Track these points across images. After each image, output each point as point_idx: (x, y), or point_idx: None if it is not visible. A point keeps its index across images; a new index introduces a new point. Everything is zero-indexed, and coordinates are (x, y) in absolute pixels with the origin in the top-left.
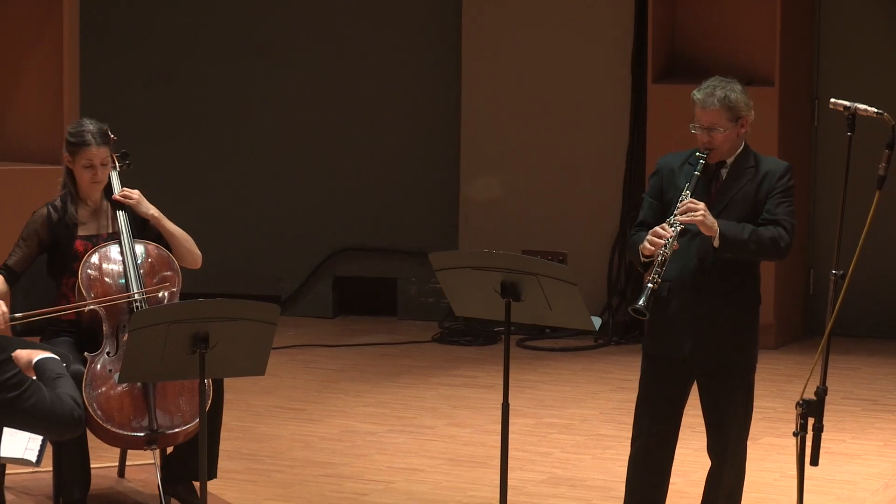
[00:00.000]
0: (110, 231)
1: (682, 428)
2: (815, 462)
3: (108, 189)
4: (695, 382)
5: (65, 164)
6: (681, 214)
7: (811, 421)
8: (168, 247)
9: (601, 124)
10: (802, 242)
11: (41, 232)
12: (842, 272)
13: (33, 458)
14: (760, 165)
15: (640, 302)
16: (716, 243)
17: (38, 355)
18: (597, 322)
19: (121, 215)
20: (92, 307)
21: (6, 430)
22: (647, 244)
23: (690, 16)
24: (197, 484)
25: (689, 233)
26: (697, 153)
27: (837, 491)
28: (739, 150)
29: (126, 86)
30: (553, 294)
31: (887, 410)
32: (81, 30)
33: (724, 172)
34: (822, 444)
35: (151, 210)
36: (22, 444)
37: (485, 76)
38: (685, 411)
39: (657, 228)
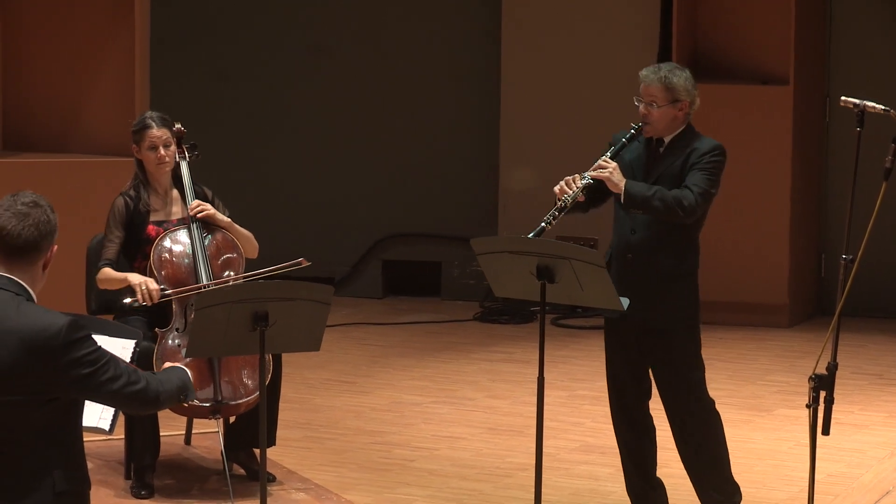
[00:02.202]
0: (180, 217)
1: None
2: (826, 432)
3: (177, 177)
4: None
5: (134, 155)
6: (592, 170)
7: (823, 394)
8: None
9: (629, 121)
10: (815, 230)
11: (123, 220)
12: (851, 257)
13: (106, 427)
14: (693, 144)
15: (530, 234)
16: (622, 200)
17: (169, 367)
18: (625, 302)
19: (189, 202)
20: (170, 292)
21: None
22: (556, 188)
23: (712, 20)
24: (257, 451)
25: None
26: (632, 123)
27: (847, 458)
28: (680, 131)
29: (190, 82)
30: (585, 276)
31: (893, 384)
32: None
33: (661, 150)
34: (832, 416)
35: (226, 219)
36: (96, 413)
37: (522, 75)
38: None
39: (568, 178)
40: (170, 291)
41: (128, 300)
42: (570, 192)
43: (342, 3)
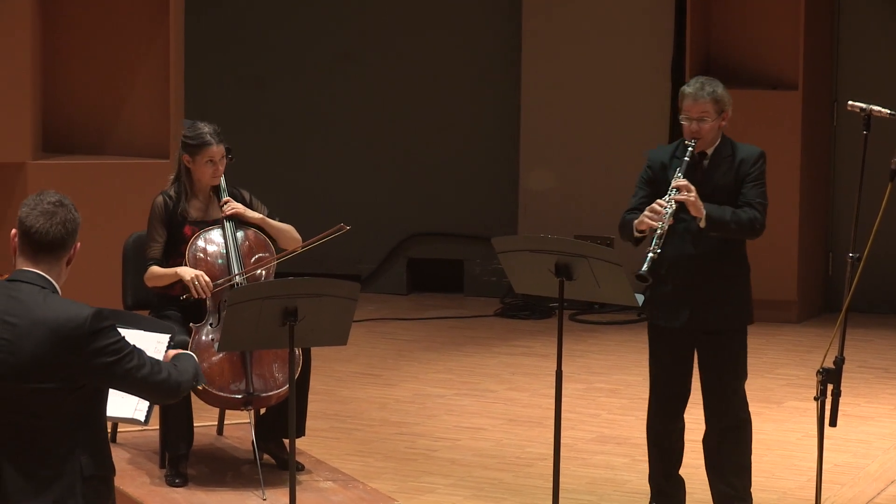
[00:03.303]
0: (216, 218)
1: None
2: (833, 423)
3: None
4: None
5: (184, 164)
6: (676, 193)
7: (830, 387)
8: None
9: (644, 124)
10: (822, 229)
11: (163, 218)
12: (857, 255)
13: (142, 418)
14: (737, 154)
15: (644, 269)
16: (702, 224)
17: (177, 353)
18: (640, 299)
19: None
20: (221, 281)
21: (116, 392)
22: (644, 219)
23: (724, 27)
24: (286, 441)
25: (682, 221)
26: (686, 142)
27: (854, 449)
28: (718, 142)
29: (223, 87)
30: (601, 274)
31: None
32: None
33: (706, 163)
34: (839, 408)
35: (257, 215)
36: (132, 405)
37: (541, 81)
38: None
39: (654, 205)
40: (221, 280)
41: (183, 296)
42: (665, 218)
43: (369, 13)
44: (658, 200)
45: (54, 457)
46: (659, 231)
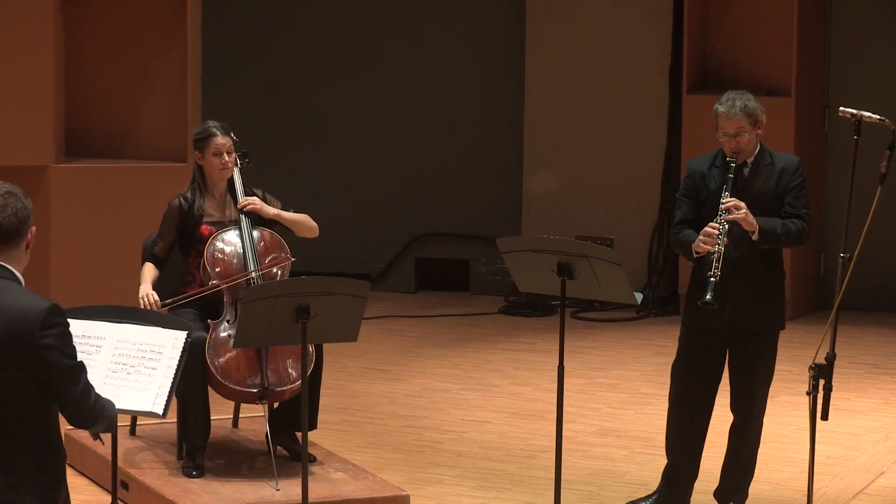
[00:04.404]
0: (233, 218)
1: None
2: (825, 417)
3: (231, 183)
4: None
5: (195, 161)
6: (726, 214)
7: (822, 382)
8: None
9: (643, 129)
10: (815, 230)
11: (176, 220)
12: (848, 255)
13: (160, 411)
14: (776, 162)
15: (708, 297)
16: (755, 237)
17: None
18: (639, 297)
19: (239, 201)
20: (221, 286)
21: (136, 386)
22: (700, 244)
23: (720, 35)
24: (299, 434)
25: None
26: (727, 158)
27: (844, 441)
28: (757, 151)
29: (233, 91)
30: (602, 273)
31: (886, 373)
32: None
33: (746, 171)
34: (830, 402)
35: (273, 211)
36: (150, 398)
37: (544, 86)
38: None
39: (707, 228)
40: (169, 301)
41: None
42: (720, 241)
43: (377, 20)
44: (710, 224)
45: (17, 447)
46: (716, 254)
